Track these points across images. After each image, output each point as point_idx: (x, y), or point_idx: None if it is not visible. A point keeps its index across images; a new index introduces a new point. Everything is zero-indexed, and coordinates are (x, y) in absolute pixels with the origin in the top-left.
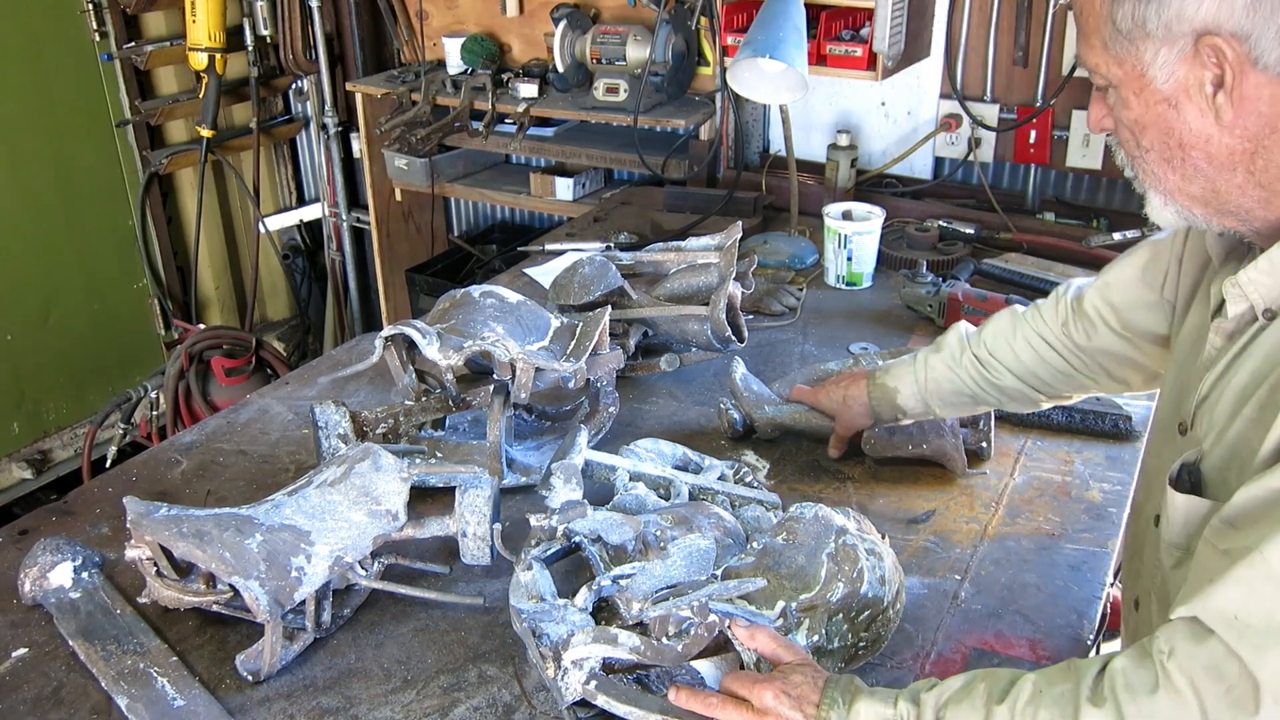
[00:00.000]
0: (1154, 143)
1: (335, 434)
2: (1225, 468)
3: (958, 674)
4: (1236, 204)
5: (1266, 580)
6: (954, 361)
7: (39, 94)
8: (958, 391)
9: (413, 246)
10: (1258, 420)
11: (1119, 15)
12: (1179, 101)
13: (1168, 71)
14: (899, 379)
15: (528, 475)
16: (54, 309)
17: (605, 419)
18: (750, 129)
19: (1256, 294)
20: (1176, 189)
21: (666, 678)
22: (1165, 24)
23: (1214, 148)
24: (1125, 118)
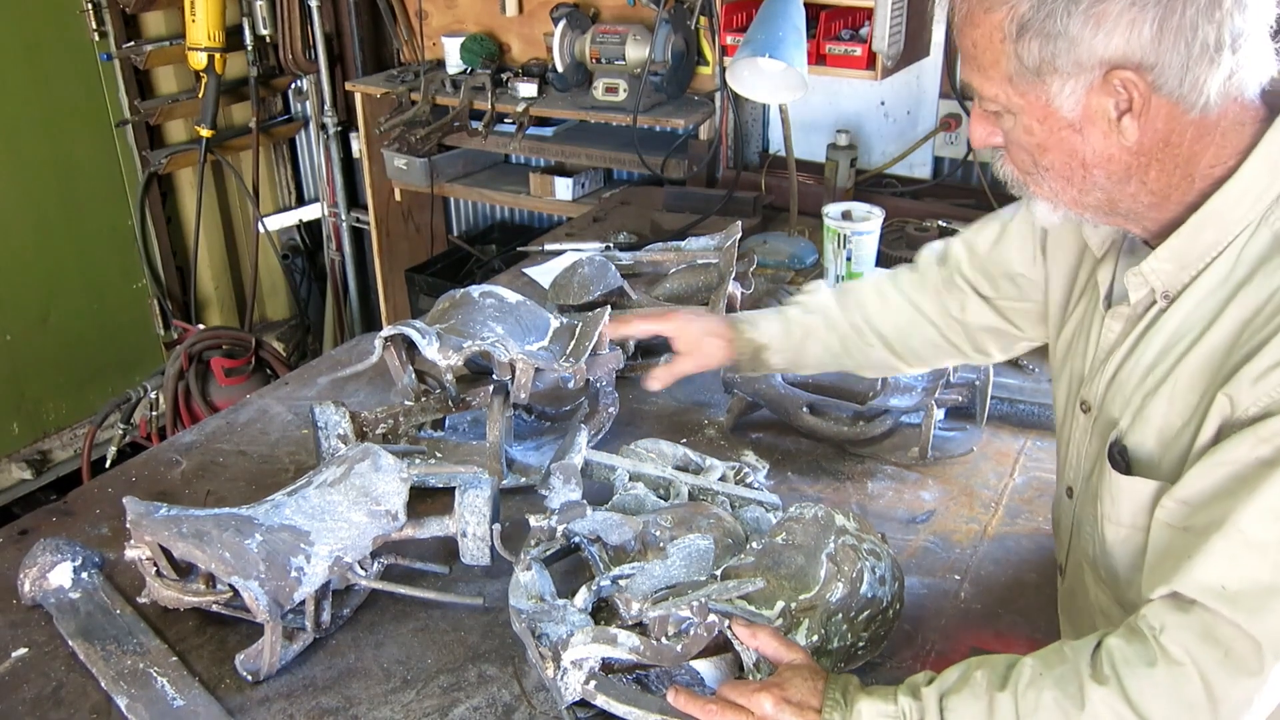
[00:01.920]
0: (1055, 163)
1: (335, 434)
2: (1153, 445)
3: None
4: (1128, 208)
5: (1246, 547)
6: (828, 327)
7: (39, 94)
8: (826, 352)
9: (412, 246)
10: (1184, 398)
11: (1025, 53)
12: (1084, 127)
13: (1074, 101)
14: (768, 335)
15: (527, 475)
16: (54, 309)
17: (605, 419)
18: (750, 129)
19: (1158, 280)
20: (1072, 200)
21: (666, 678)
22: (1074, 60)
23: (1114, 165)
24: (1025, 141)
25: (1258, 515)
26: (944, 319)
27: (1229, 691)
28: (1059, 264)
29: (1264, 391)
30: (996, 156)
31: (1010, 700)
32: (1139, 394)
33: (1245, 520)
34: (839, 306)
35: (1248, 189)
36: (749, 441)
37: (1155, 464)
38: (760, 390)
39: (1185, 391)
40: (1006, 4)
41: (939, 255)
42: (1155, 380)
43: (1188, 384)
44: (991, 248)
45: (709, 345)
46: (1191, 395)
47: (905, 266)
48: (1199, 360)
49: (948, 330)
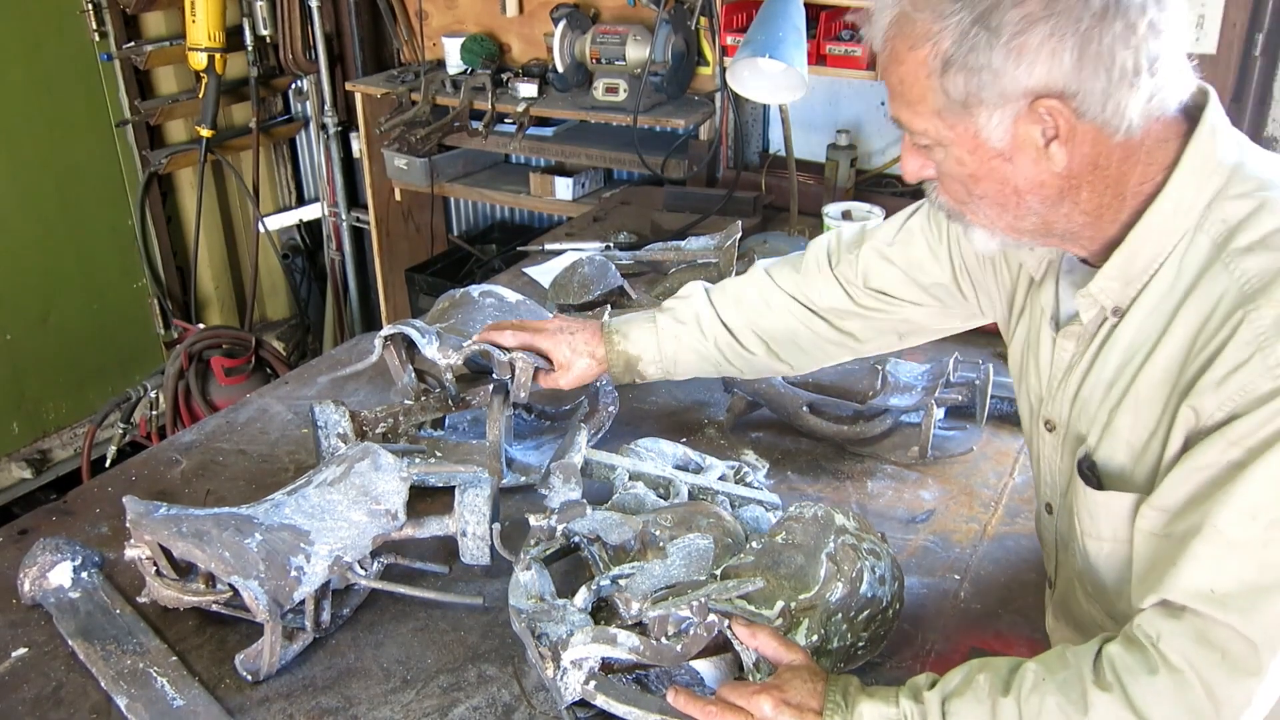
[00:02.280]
0: (988, 191)
1: (335, 433)
2: (1123, 457)
3: (955, 668)
4: (1064, 229)
5: (1228, 549)
6: (702, 335)
7: (39, 94)
8: (703, 360)
9: (412, 246)
10: (1147, 409)
11: (951, 87)
12: (1014, 156)
13: (1002, 131)
14: (640, 345)
15: (527, 474)
16: (54, 309)
17: (605, 418)
18: (750, 129)
19: (1107, 298)
20: (1008, 226)
21: (666, 678)
22: (999, 91)
23: (1046, 190)
24: (957, 172)
25: (1235, 516)
26: (838, 314)
27: (1231, 693)
28: (991, 285)
29: (1227, 396)
30: (931, 189)
31: (1014, 705)
32: (1104, 409)
33: (1224, 522)
34: (716, 311)
35: (1179, 201)
36: (749, 441)
37: (1127, 477)
38: (760, 390)
39: (1147, 403)
40: (929, 40)
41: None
42: (1118, 394)
43: (1149, 395)
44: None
45: (579, 364)
46: (1154, 406)
47: (785, 262)
48: (1157, 371)
49: (843, 322)
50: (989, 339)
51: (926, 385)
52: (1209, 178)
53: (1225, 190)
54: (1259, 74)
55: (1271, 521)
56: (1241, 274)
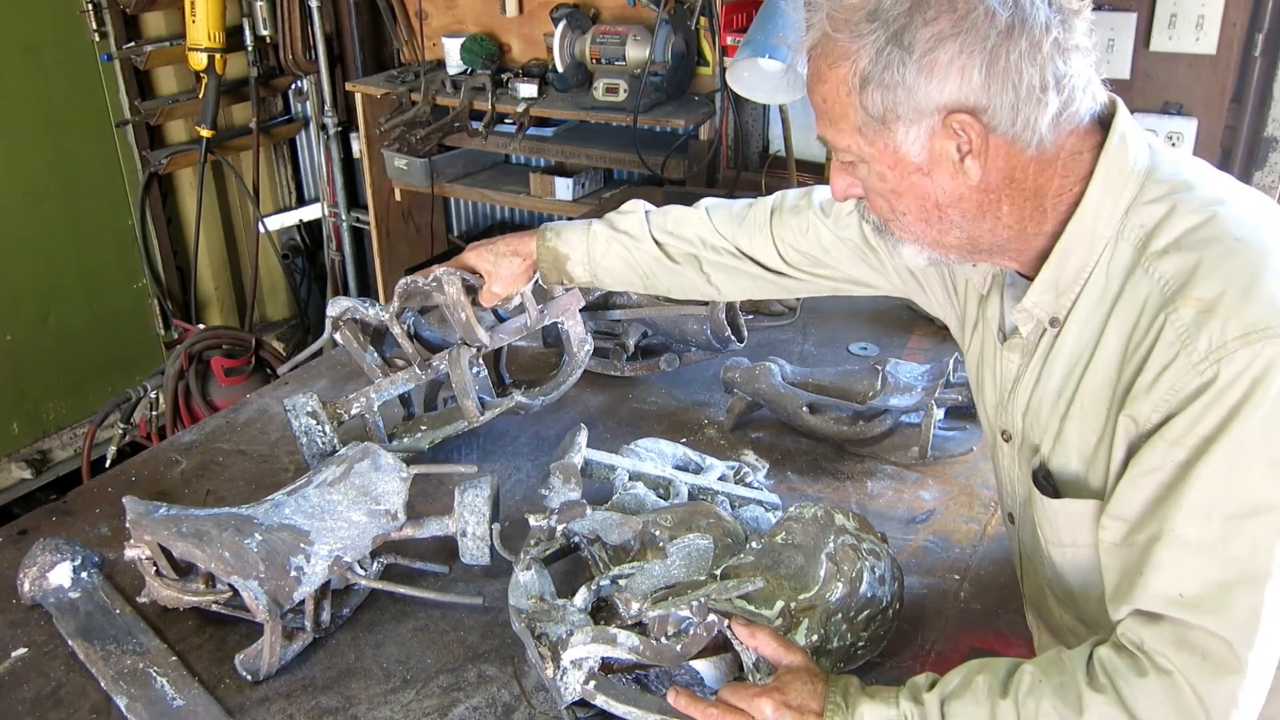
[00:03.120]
0: (910, 207)
1: (304, 413)
2: (1075, 464)
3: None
4: (990, 243)
5: (1190, 551)
6: (633, 244)
7: (39, 94)
8: (630, 269)
9: (412, 246)
10: (1091, 416)
11: (869, 103)
12: (932, 170)
13: (919, 146)
14: (570, 245)
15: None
16: (54, 309)
17: (581, 359)
18: (750, 129)
19: (1042, 311)
20: (934, 241)
21: (666, 678)
22: (914, 107)
23: (966, 204)
24: (879, 188)
25: (1191, 517)
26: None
27: (1215, 693)
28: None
29: (1159, 398)
30: (859, 207)
31: (1012, 707)
32: (1054, 418)
33: (1180, 525)
34: (650, 229)
35: (1097, 211)
36: (749, 441)
37: (1081, 483)
38: (760, 390)
39: (1092, 410)
40: (848, 59)
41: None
42: (1064, 403)
43: (1092, 402)
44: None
45: (507, 264)
46: (1098, 413)
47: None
48: (1096, 378)
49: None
50: None
51: (926, 385)
52: (1124, 185)
53: (1140, 196)
54: (1259, 74)
55: (1227, 517)
56: (1160, 277)
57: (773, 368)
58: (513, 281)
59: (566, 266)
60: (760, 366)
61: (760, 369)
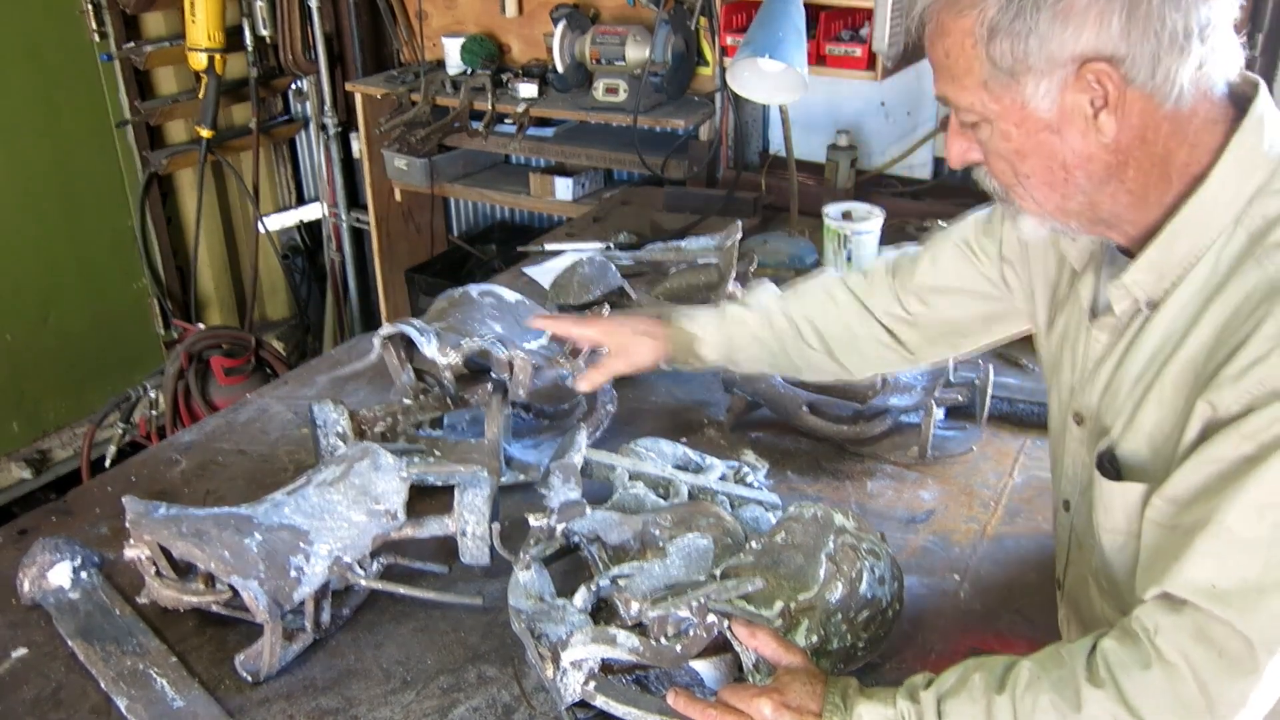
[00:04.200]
0: (1035, 168)
1: (333, 432)
2: (1144, 451)
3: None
4: (1110, 212)
5: (1234, 545)
6: (765, 323)
7: (39, 94)
8: (762, 348)
9: (412, 246)
10: (1170, 404)
11: (997, 54)
12: (1062, 127)
13: (1050, 100)
14: (702, 326)
15: (526, 473)
16: (53, 309)
17: (603, 417)
18: (750, 129)
19: (1140, 291)
20: (1056, 208)
21: (666, 678)
22: (1047, 57)
23: (1094, 165)
24: (1003, 149)
25: (1244, 512)
26: (893, 320)
27: (1224, 692)
28: (1036, 278)
29: (1245, 389)
30: (980, 172)
31: (1008, 703)
32: (1129, 402)
33: (1232, 518)
34: (780, 303)
35: (1219, 193)
36: (749, 441)
37: (1147, 469)
38: (760, 390)
39: (1172, 396)
40: (975, 7)
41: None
42: (1143, 388)
43: (1173, 389)
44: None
45: (638, 344)
46: (1178, 399)
47: (857, 268)
48: (1181, 365)
49: (896, 329)
50: None
51: (926, 385)
52: (1254, 169)
53: (1269, 184)
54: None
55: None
56: (1276, 269)
57: None
58: (640, 363)
59: (697, 349)
60: None
61: None
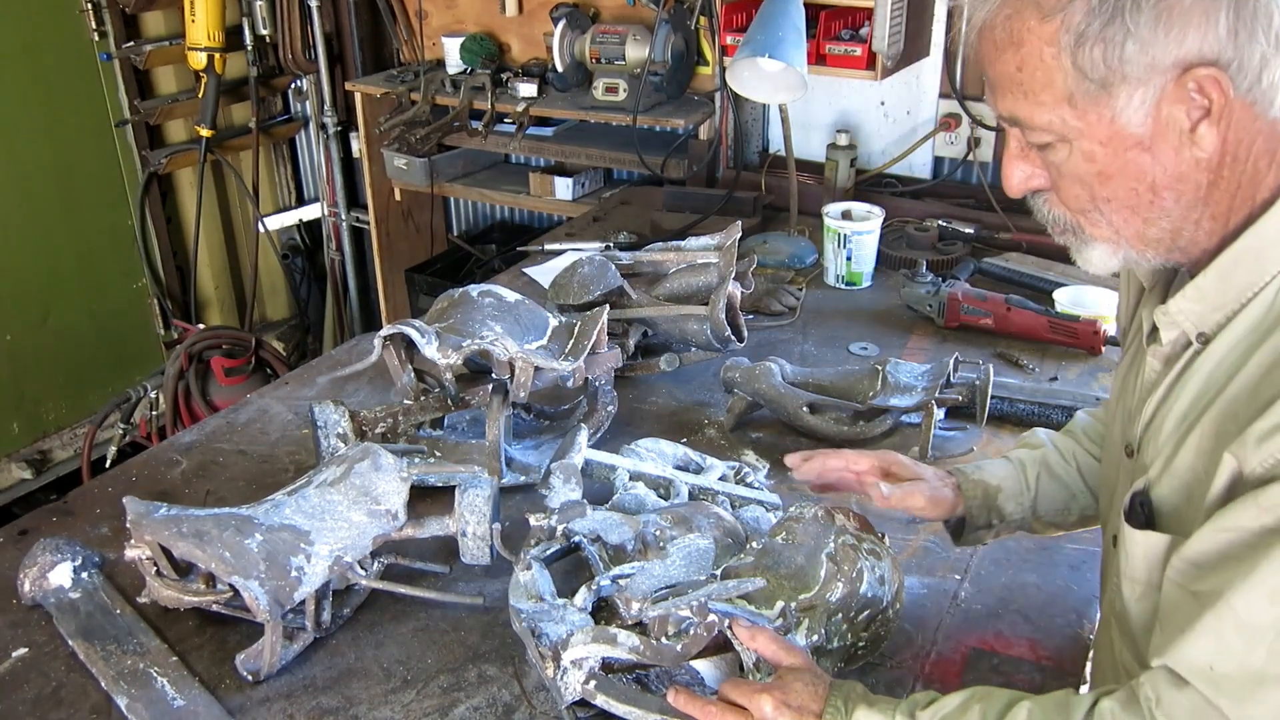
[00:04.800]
0: (1118, 191)
1: (334, 433)
2: (1178, 498)
3: (956, 690)
4: (1189, 239)
5: (1236, 630)
6: (1059, 458)
7: (38, 94)
8: (1064, 488)
9: (412, 246)
10: (1206, 452)
11: (1086, 63)
12: (1154, 143)
13: (1143, 113)
14: (997, 474)
15: (527, 474)
16: (53, 309)
17: (604, 418)
18: (749, 129)
19: (1188, 322)
20: (1135, 235)
21: (666, 678)
22: (1147, 65)
23: (1185, 186)
24: (1083, 172)
25: (1254, 596)
26: None
27: None
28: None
29: (1268, 453)
30: (1039, 199)
31: None
32: (1170, 443)
33: (1240, 600)
34: (1065, 436)
35: None
36: (749, 441)
37: (1181, 518)
38: (760, 390)
39: (1210, 443)
40: (1059, 12)
41: None
42: (1186, 428)
43: (1212, 435)
44: None
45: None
46: (1212, 446)
47: None
48: (1221, 409)
49: None
50: (989, 339)
51: (926, 385)
52: None
53: None
54: None
55: None
56: None
57: (773, 368)
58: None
59: (998, 501)
60: (760, 366)
61: (760, 369)
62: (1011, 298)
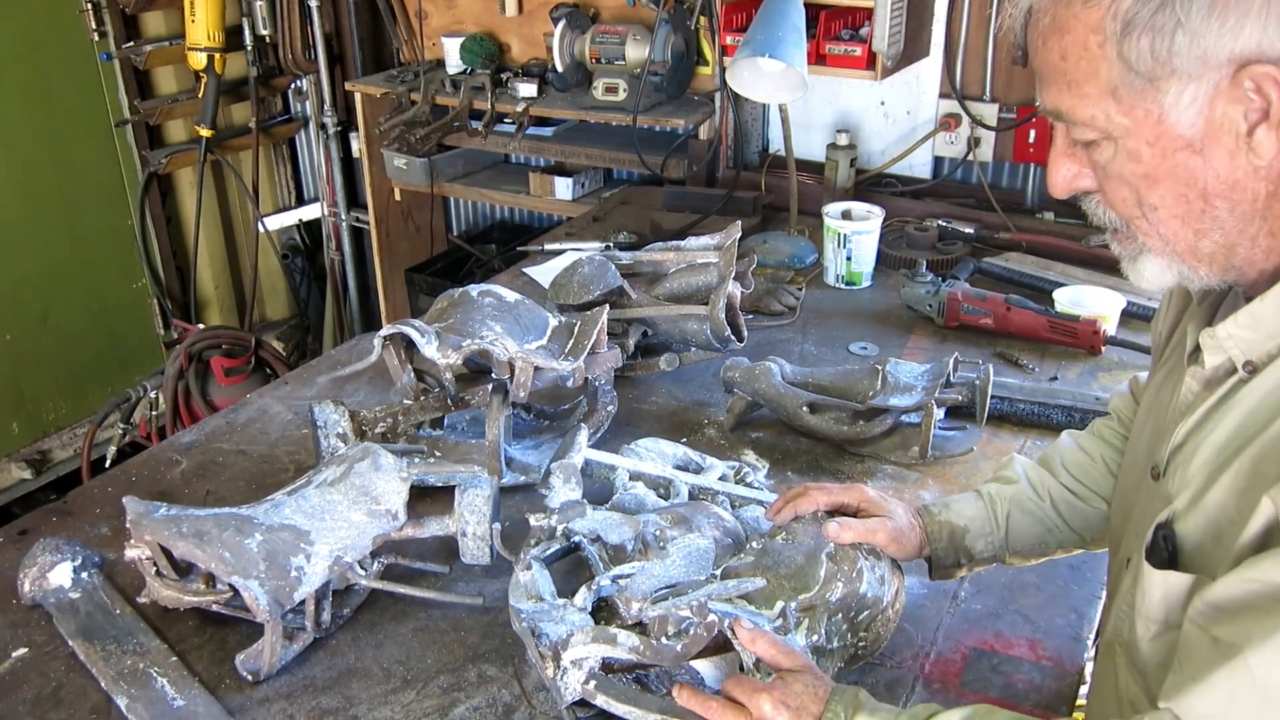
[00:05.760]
0: (1166, 197)
1: (334, 433)
2: (1205, 537)
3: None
4: (1245, 257)
5: (1249, 690)
6: (1031, 492)
7: (38, 94)
8: (1037, 523)
9: (412, 246)
10: (1241, 491)
11: (1133, 54)
12: (1206, 146)
13: (1194, 112)
14: (963, 513)
15: (527, 474)
16: (53, 309)
17: (603, 418)
18: (749, 128)
19: (1236, 349)
20: (1187, 248)
21: (666, 677)
22: (1198, 58)
23: (1240, 195)
24: (1128, 172)
25: (1268, 655)
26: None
27: None
28: (1171, 314)
29: None
30: (1091, 201)
31: None
32: (1200, 475)
33: (1258, 659)
34: (1041, 468)
35: None
36: (749, 441)
37: (1207, 557)
38: (760, 390)
39: (1247, 479)
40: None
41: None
42: (1222, 462)
43: (1248, 474)
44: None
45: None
46: (1249, 486)
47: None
48: (1261, 448)
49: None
50: (989, 339)
51: (926, 385)
52: None
53: None
54: None
55: None
56: None
57: (773, 368)
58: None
59: (965, 541)
60: (760, 366)
61: (760, 369)
62: (1011, 297)
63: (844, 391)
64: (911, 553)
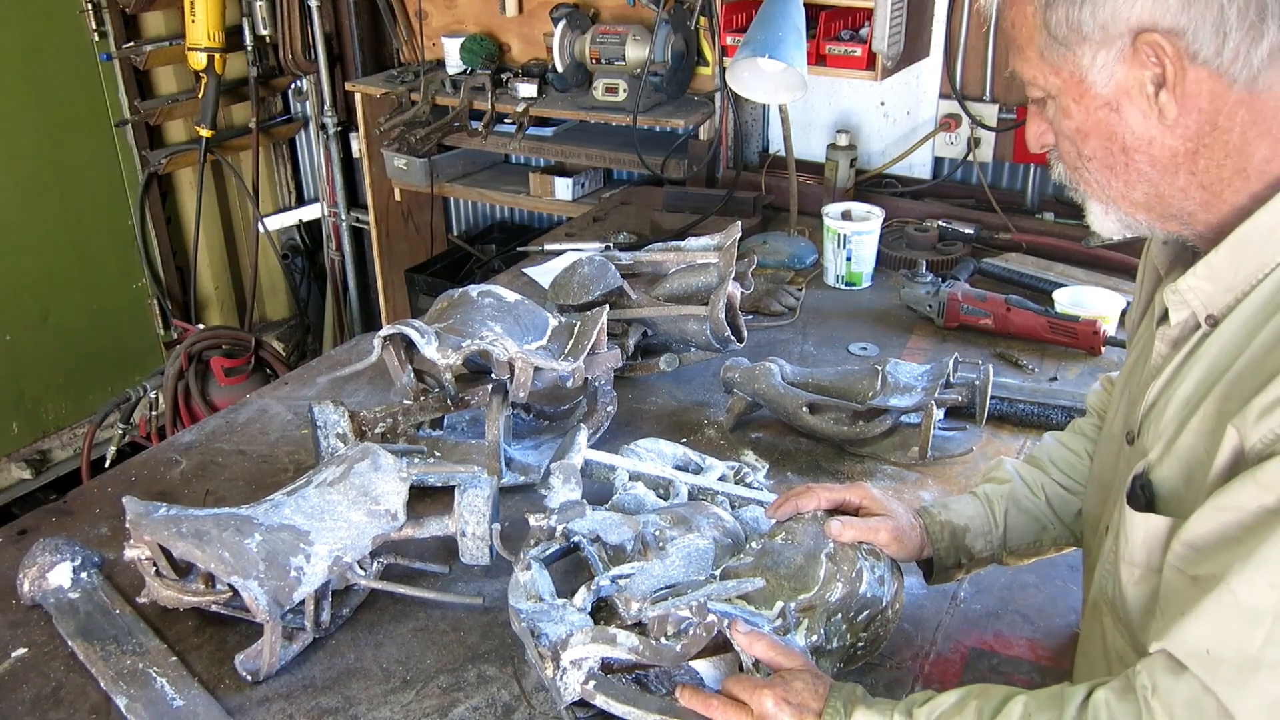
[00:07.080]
0: (1096, 150)
1: (334, 433)
2: (1179, 480)
3: (953, 688)
4: (1179, 207)
5: (1234, 613)
6: (1027, 490)
7: (38, 94)
8: (1033, 521)
9: (412, 246)
10: (1208, 433)
11: (1053, 21)
12: (1120, 104)
13: (1107, 74)
14: (963, 512)
15: (526, 474)
16: (53, 309)
17: (603, 418)
18: (749, 129)
19: (1197, 300)
20: (1120, 196)
21: (665, 678)
22: (1101, 25)
23: (1157, 150)
24: (1065, 127)
25: (1250, 578)
26: None
27: None
28: (1145, 289)
29: (1268, 428)
30: (1052, 156)
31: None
32: (1172, 425)
33: (1238, 582)
34: (1031, 466)
35: None
36: (749, 441)
37: (1181, 500)
38: (760, 390)
39: (1211, 419)
40: None
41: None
42: (1189, 410)
43: (1214, 414)
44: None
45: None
46: (1215, 424)
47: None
48: (1223, 389)
49: None
50: (989, 339)
51: (926, 385)
52: None
53: None
54: None
55: None
56: None
57: (773, 368)
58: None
59: (966, 541)
60: (760, 366)
61: (760, 369)
62: (1011, 298)
63: (844, 392)
64: (912, 553)
